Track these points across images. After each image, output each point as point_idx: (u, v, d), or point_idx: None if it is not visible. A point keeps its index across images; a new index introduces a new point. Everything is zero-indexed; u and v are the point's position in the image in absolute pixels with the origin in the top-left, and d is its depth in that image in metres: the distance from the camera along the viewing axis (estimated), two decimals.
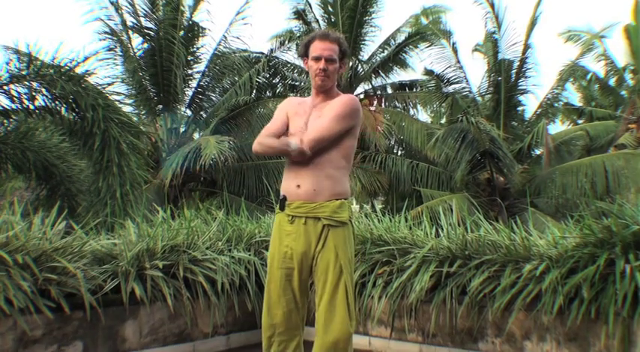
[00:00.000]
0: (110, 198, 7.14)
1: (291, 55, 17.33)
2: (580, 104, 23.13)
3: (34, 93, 7.46)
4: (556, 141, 14.72)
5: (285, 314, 2.88)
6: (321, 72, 2.90)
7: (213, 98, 15.08)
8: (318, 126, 2.88)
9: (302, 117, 2.97)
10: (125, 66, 13.84)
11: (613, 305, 3.61)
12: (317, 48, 2.92)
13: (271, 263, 2.94)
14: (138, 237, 4.67)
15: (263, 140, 2.94)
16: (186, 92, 14.62)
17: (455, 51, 15.16)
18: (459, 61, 15.22)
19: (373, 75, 17.87)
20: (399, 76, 18.07)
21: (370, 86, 18.19)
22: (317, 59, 2.91)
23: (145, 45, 13.79)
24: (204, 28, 14.33)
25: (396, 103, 18.32)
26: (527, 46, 14.41)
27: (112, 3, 13.21)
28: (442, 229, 4.87)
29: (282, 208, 2.92)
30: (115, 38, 13.54)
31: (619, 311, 3.61)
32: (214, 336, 4.73)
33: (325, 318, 2.81)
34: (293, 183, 2.89)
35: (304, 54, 2.99)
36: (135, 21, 13.60)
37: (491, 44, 14.82)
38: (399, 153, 17.40)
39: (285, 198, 2.91)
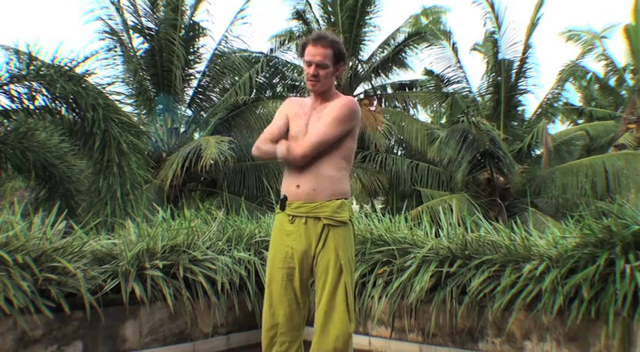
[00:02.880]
0: (110, 198, 7.14)
1: (291, 55, 17.37)
2: (580, 104, 23.15)
3: (34, 93, 7.46)
4: (556, 141, 14.72)
5: (287, 314, 2.88)
6: (312, 77, 2.91)
7: (214, 98, 15.09)
8: (317, 129, 2.88)
9: (302, 119, 2.97)
10: (125, 66, 13.84)
11: (613, 305, 3.61)
12: (309, 52, 2.91)
13: (272, 263, 2.94)
14: (138, 237, 4.67)
15: (261, 145, 2.99)
16: (187, 92, 14.63)
17: (455, 51, 15.17)
18: (459, 61, 15.23)
19: (373, 75, 17.89)
20: (398, 76, 18.11)
21: (370, 86, 18.20)
22: (308, 64, 2.91)
23: (146, 45, 13.80)
24: (205, 28, 14.35)
25: (396, 103, 18.34)
26: (527, 46, 14.40)
27: (112, 3, 13.23)
28: (442, 229, 4.87)
29: (282, 208, 2.93)
30: (115, 38, 13.54)
31: (619, 311, 3.61)
32: (214, 336, 4.73)
33: (324, 318, 2.81)
34: (293, 184, 2.90)
35: (302, 55, 2.99)
36: (136, 21, 13.62)
37: (490, 44, 14.81)
38: (399, 153, 17.41)
39: (285, 198, 2.92)
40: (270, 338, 2.92)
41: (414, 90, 18.19)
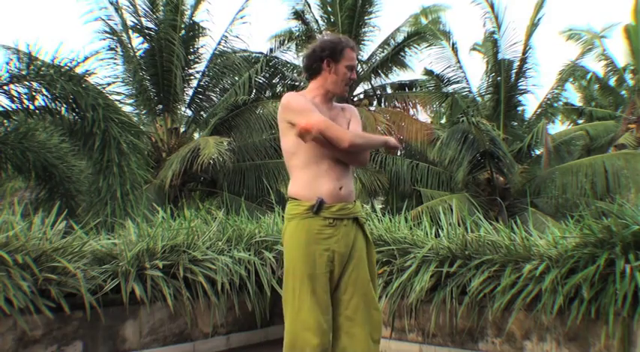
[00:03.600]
0: (110, 198, 7.14)
1: (290, 55, 17.36)
2: (580, 104, 23.16)
3: (34, 93, 7.47)
4: (556, 141, 14.72)
5: (329, 320, 2.78)
6: (350, 81, 2.94)
7: (214, 98, 15.09)
8: (357, 130, 2.94)
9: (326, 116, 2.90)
10: (125, 66, 13.84)
11: (613, 305, 3.61)
12: (351, 57, 2.90)
13: (311, 270, 2.77)
14: (138, 237, 4.67)
15: (361, 134, 2.92)
16: (187, 92, 14.63)
17: (455, 51, 15.16)
18: (458, 61, 15.22)
19: (373, 75, 17.88)
20: (398, 76, 18.11)
21: (370, 86, 18.20)
22: (351, 68, 2.91)
23: (145, 45, 13.80)
24: (204, 28, 14.35)
25: (396, 103, 18.34)
26: (527, 47, 14.40)
27: (111, 3, 13.22)
28: (442, 229, 4.87)
29: (318, 212, 2.79)
30: (115, 38, 13.54)
31: (619, 311, 3.61)
32: (214, 336, 4.73)
33: (365, 310, 2.82)
34: (335, 186, 2.81)
35: (332, 56, 2.88)
36: (135, 21, 13.61)
37: (490, 44, 14.80)
38: (399, 153, 17.40)
39: (323, 201, 2.78)
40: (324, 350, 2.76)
41: (414, 90, 18.20)
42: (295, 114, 2.80)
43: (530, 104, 20.31)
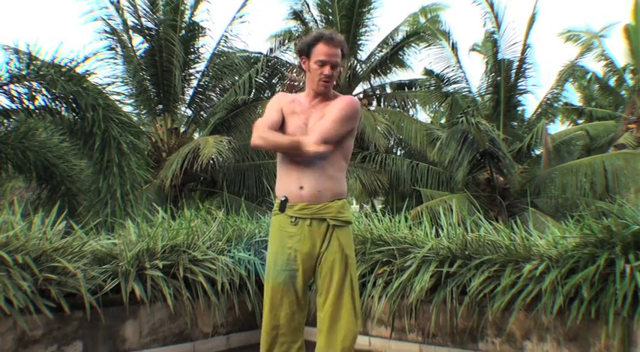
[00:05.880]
0: (110, 198, 7.14)
1: (290, 55, 17.35)
2: (580, 104, 23.17)
3: (34, 93, 7.46)
4: (556, 141, 14.71)
5: (289, 315, 2.86)
6: (327, 78, 2.83)
7: (214, 98, 15.10)
8: (324, 127, 2.80)
9: (300, 117, 2.90)
10: (125, 66, 13.84)
11: (613, 305, 3.61)
12: (323, 52, 2.81)
13: (273, 265, 2.89)
14: (138, 237, 4.67)
15: (266, 135, 2.81)
16: (187, 92, 14.63)
17: (454, 50, 15.15)
18: (458, 61, 15.21)
19: (372, 74, 17.87)
20: (397, 75, 18.10)
21: (369, 86, 18.19)
22: (322, 64, 2.82)
23: (145, 45, 13.79)
24: (204, 28, 14.35)
25: (395, 103, 18.33)
26: (526, 46, 14.40)
27: (112, 3, 13.22)
28: (442, 229, 4.87)
29: (282, 210, 2.87)
30: (115, 38, 13.54)
31: (619, 311, 3.61)
32: (214, 336, 4.73)
33: (331, 318, 2.80)
34: (295, 185, 2.84)
35: (305, 53, 2.87)
36: (135, 21, 13.61)
37: (490, 44, 14.79)
38: (399, 153, 17.40)
39: (286, 200, 2.85)
40: (272, 338, 2.90)
41: (414, 89, 18.19)
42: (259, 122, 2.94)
43: (530, 104, 20.30)
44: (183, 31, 13.93)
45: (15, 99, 7.44)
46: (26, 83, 7.36)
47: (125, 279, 4.21)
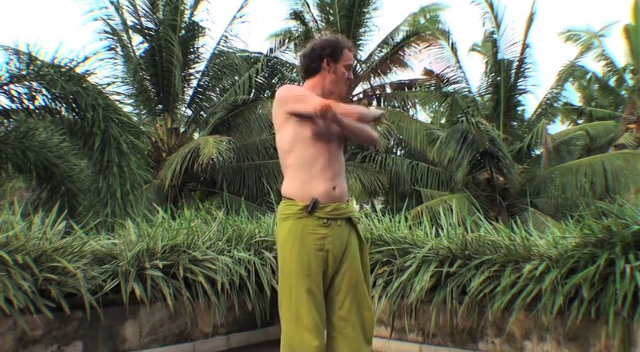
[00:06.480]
0: (110, 198, 7.14)
1: (290, 55, 17.35)
2: (580, 104, 23.17)
3: (34, 93, 7.46)
4: (556, 141, 14.71)
5: (324, 320, 2.80)
6: (348, 81, 2.97)
7: (214, 98, 15.10)
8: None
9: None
10: (125, 66, 13.84)
11: (613, 305, 3.61)
12: (349, 57, 2.96)
13: (308, 269, 2.76)
14: (138, 237, 4.67)
15: (360, 108, 2.97)
16: (187, 92, 14.63)
17: (454, 50, 15.16)
18: (458, 61, 15.22)
19: (372, 74, 17.86)
20: (397, 75, 18.09)
21: (369, 86, 18.18)
22: (349, 68, 2.96)
23: (145, 45, 13.80)
24: (204, 28, 14.35)
25: (395, 103, 18.33)
26: (525, 46, 14.40)
27: (112, 3, 13.23)
28: (442, 229, 4.87)
29: (312, 212, 2.78)
30: (115, 38, 13.55)
31: (619, 311, 3.61)
32: (214, 336, 4.73)
33: (356, 311, 2.81)
34: (329, 186, 2.80)
35: (331, 55, 2.90)
36: (135, 21, 13.61)
37: (490, 44, 14.80)
38: (399, 153, 17.40)
39: (317, 201, 2.77)
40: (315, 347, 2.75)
41: (414, 89, 18.19)
42: (296, 101, 2.79)
43: (530, 104, 20.31)
44: (183, 31, 13.94)
45: (15, 99, 7.44)
46: (26, 83, 7.36)
47: (125, 279, 4.21)
